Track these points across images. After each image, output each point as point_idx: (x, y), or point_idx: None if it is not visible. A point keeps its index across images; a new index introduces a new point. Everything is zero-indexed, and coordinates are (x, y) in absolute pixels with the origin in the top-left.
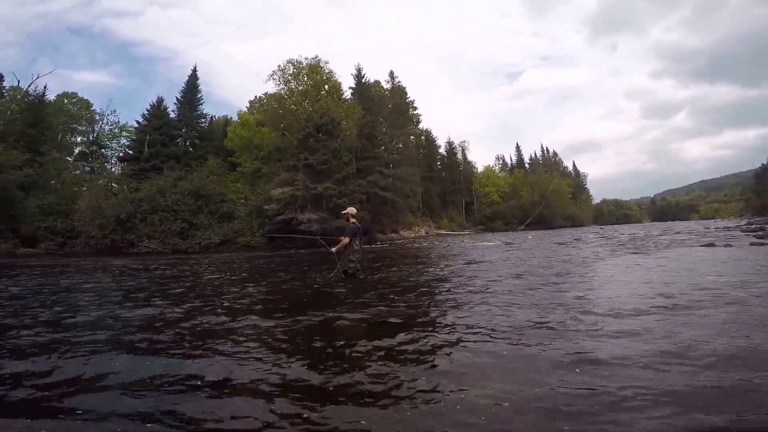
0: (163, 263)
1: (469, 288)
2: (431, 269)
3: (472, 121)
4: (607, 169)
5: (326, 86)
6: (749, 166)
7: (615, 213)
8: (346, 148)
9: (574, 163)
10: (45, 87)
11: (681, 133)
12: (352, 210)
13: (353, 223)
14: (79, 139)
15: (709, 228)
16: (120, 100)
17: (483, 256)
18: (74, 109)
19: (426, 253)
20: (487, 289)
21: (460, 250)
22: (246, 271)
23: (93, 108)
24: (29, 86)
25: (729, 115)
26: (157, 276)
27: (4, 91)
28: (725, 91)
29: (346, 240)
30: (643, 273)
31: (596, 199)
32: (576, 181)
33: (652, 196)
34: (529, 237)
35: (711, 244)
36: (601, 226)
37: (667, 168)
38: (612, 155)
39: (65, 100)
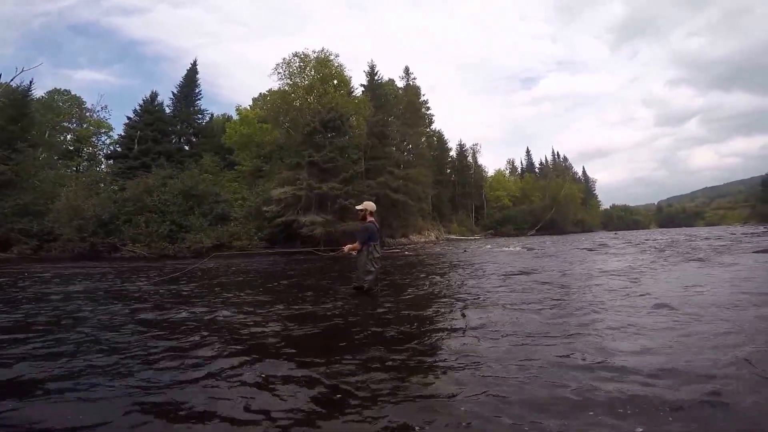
0: (128, 269)
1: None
2: (496, 292)
3: (484, 126)
4: (614, 175)
5: (335, 81)
6: (754, 173)
7: (625, 219)
8: (355, 145)
9: (584, 168)
10: (31, 82)
11: (690, 141)
12: (370, 205)
13: (371, 221)
14: (69, 137)
15: (735, 234)
16: (125, 99)
17: (529, 267)
18: (64, 106)
19: (457, 261)
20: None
21: (488, 256)
22: (211, 284)
23: (85, 105)
24: (11, 80)
25: (739, 122)
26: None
27: None
28: (741, 99)
29: (356, 245)
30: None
31: (603, 205)
32: (586, 187)
33: (656, 202)
34: (547, 242)
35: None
36: (615, 232)
37: (674, 175)
38: (621, 162)
39: (56, 97)
